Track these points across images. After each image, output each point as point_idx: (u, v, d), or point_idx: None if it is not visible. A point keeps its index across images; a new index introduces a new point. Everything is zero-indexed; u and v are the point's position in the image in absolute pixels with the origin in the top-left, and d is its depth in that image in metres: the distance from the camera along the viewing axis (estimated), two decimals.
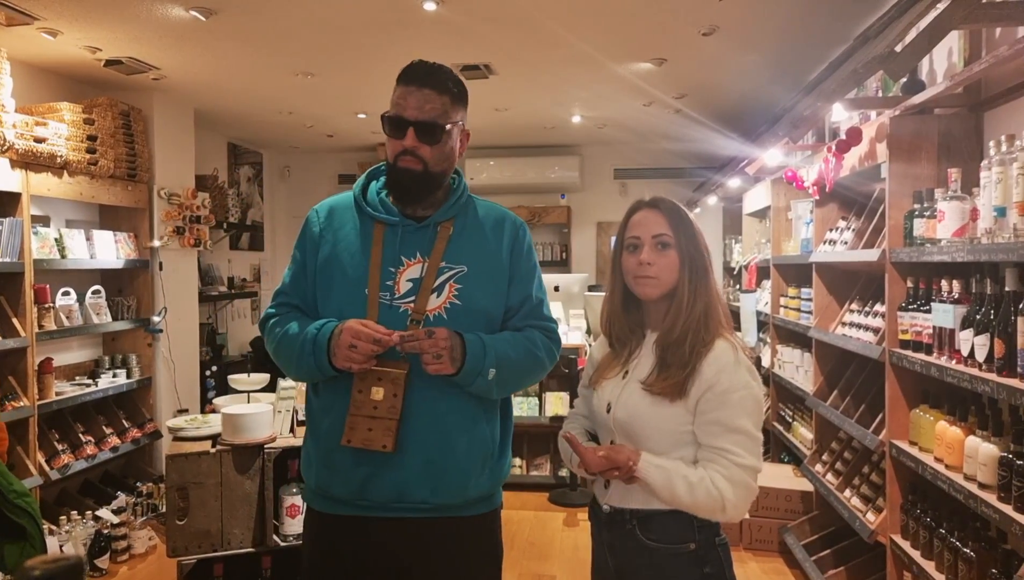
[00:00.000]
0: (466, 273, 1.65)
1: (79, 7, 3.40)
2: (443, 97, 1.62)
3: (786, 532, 3.75)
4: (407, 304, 1.61)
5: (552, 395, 5.12)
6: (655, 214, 1.61)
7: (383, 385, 1.57)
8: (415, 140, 1.60)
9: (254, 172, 7.47)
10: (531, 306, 1.74)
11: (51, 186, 3.96)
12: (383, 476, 1.60)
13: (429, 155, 1.61)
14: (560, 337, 1.82)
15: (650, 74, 4.60)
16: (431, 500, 1.61)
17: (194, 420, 2.66)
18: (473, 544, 1.69)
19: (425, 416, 1.60)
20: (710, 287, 1.58)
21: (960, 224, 2.25)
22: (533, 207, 7.51)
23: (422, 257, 1.64)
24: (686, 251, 1.58)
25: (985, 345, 2.06)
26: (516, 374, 1.67)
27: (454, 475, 1.62)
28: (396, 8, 3.44)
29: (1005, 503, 1.96)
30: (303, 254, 1.72)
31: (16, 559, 1.86)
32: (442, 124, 1.61)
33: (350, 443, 1.57)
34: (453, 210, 1.70)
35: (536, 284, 1.76)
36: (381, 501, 1.61)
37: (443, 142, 1.63)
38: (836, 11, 3.47)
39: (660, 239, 1.58)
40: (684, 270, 1.58)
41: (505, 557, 1.81)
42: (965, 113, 2.67)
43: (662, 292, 1.59)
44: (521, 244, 1.75)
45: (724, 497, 1.46)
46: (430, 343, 1.53)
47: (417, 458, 1.59)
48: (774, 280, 4.49)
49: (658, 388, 1.53)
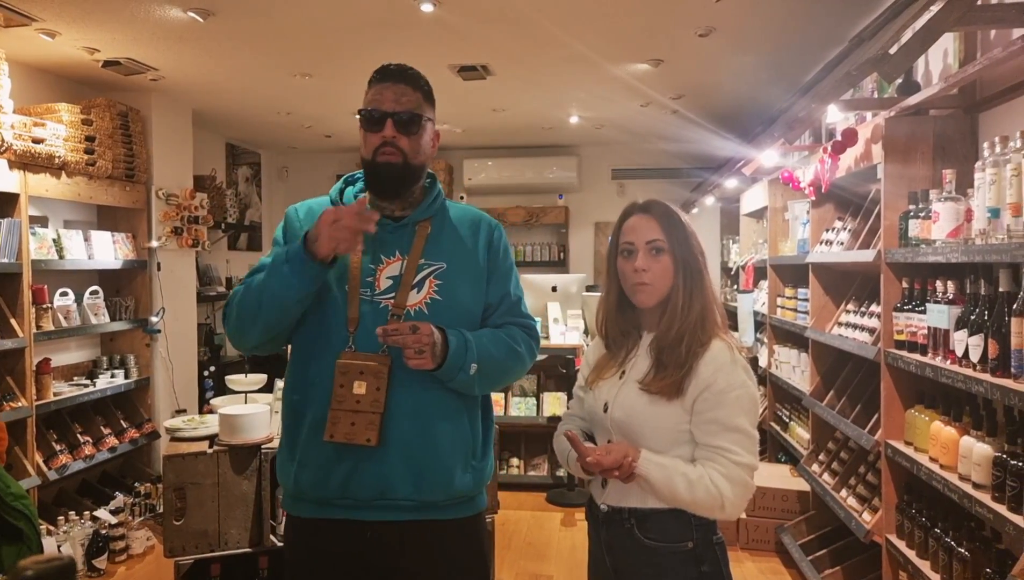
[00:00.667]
0: (445, 270, 1.67)
1: (78, 8, 3.41)
2: (417, 93, 1.66)
3: (783, 532, 3.77)
4: (387, 300, 1.62)
5: (550, 395, 5.13)
6: (648, 219, 1.62)
7: (365, 379, 1.57)
8: (394, 130, 1.62)
9: (252, 172, 7.48)
10: (510, 304, 1.76)
11: (49, 187, 3.96)
12: (366, 470, 1.59)
13: (408, 146, 1.63)
14: (539, 334, 1.84)
15: (647, 75, 4.61)
16: (414, 496, 1.60)
17: (191, 421, 2.66)
18: (458, 548, 1.68)
19: (408, 410, 1.60)
20: (705, 289, 1.60)
21: (955, 225, 2.26)
22: (531, 207, 7.52)
23: (401, 255, 1.66)
24: (680, 255, 1.59)
25: (979, 346, 2.07)
26: (497, 371, 1.68)
27: (437, 469, 1.62)
28: (394, 9, 3.45)
29: (999, 503, 1.97)
30: (283, 243, 1.71)
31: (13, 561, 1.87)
32: (420, 115, 1.65)
33: (333, 438, 1.56)
34: (431, 210, 1.71)
35: (514, 282, 1.79)
36: (364, 498, 1.60)
37: (420, 134, 1.65)
38: (831, 13, 3.48)
39: (654, 245, 1.59)
40: (678, 275, 1.59)
41: (502, 558, 1.81)
42: (960, 114, 2.68)
43: (658, 299, 1.60)
44: (497, 244, 1.77)
45: (723, 495, 1.47)
46: (414, 338, 1.53)
47: (400, 452, 1.59)
48: (771, 280, 4.50)
49: (655, 388, 1.54)
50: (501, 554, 3.72)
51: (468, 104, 5.49)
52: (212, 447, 2.46)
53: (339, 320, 1.62)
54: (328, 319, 1.63)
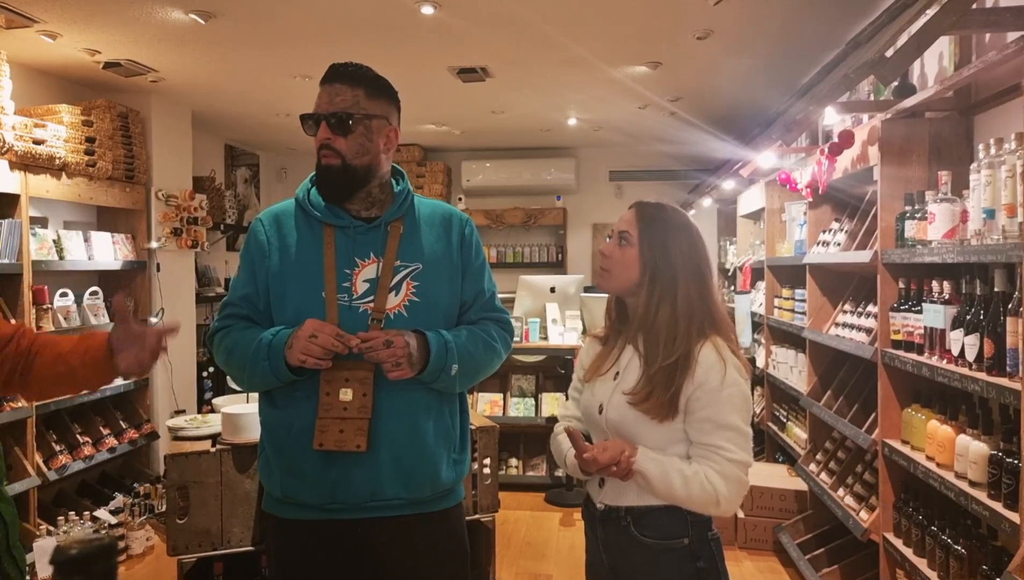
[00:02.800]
0: (421, 270, 1.68)
1: (79, 10, 3.42)
2: (355, 90, 1.63)
3: (780, 531, 3.79)
4: (366, 304, 1.63)
5: (548, 396, 5.14)
6: (631, 213, 1.65)
7: (351, 386, 1.58)
8: (327, 132, 1.62)
9: (251, 174, 7.49)
10: (484, 300, 1.78)
11: (50, 188, 3.97)
12: (356, 476, 1.60)
13: (344, 147, 1.62)
14: (513, 326, 1.87)
15: (645, 77, 4.64)
16: (403, 495, 1.63)
17: (194, 420, 2.67)
18: (442, 537, 1.72)
19: (394, 413, 1.62)
20: (677, 299, 1.56)
21: (950, 226, 2.29)
22: (529, 208, 7.54)
23: (376, 257, 1.66)
24: (648, 258, 1.58)
25: (975, 345, 2.10)
26: (476, 367, 1.72)
27: (424, 467, 1.65)
28: (394, 11, 3.47)
29: (995, 500, 2.00)
30: (252, 264, 1.71)
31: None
32: (352, 113, 1.61)
33: (323, 447, 1.57)
34: (402, 209, 1.72)
35: (487, 278, 1.81)
36: (353, 502, 1.62)
37: (356, 133, 1.62)
38: (828, 16, 3.51)
39: (623, 235, 1.62)
40: (644, 276, 1.59)
41: (501, 557, 1.84)
42: (955, 117, 2.71)
43: (615, 288, 1.64)
44: (470, 240, 1.78)
45: (718, 491, 1.50)
46: (388, 353, 1.54)
47: (389, 454, 1.61)
48: (768, 281, 4.52)
49: (643, 408, 1.55)
50: (500, 554, 3.73)
51: (467, 106, 5.51)
52: (215, 446, 2.47)
53: None
54: None
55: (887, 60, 2.08)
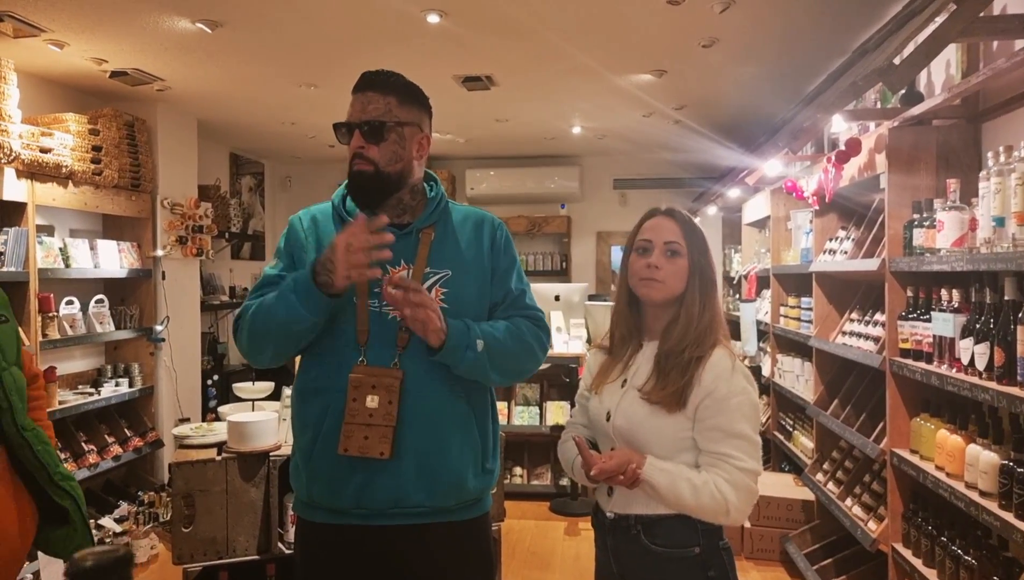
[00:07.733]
0: (451, 277, 1.68)
1: (86, 19, 3.44)
2: (387, 98, 1.64)
3: (787, 541, 3.76)
4: (395, 311, 1.62)
5: (553, 404, 5.13)
6: (670, 222, 1.64)
7: (377, 393, 1.58)
8: (361, 140, 1.62)
9: (256, 182, 7.51)
10: (512, 297, 1.75)
11: (56, 196, 3.98)
12: (379, 483, 1.60)
13: (377, 155, 1.62)
14: (548, 325, 1.83)
15: (650, 86, 4.64)
16: (427, 503, 1.62)
17: (199, 428, 2.67)
18: (467, 548, 1.71)
19: (420, 421, 1.61)
20: (716, 299, 1.62)
21: (959, 234, 2.28)
22: (533, 217, 7.54)
23: (406, 264, 1.66)
24: (697, 263, 1.62)
25: (985, 354, 2.09)
26: (507, 354, 1.67)
27: (449, 477, 1.63)
28: (399, 20, 3.48)
29: (1006, 511, 1.98)
30: (291, 254, 1.72)
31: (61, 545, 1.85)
32: (384, 121, 1.62)
33: (347, 452, 1.57)
34: (434, 216, 1.72)
35: (516, 276, 1.78)
36: (378, 508, 1.61)
37: (389, 141, 1.63)
38: (835, 24, 3.51)
39: (671, 246, 1.62)
40: (694, 281, 1.61)
41: (506, 567, 1.83)
42: (963, 124, 2.70)
43: (665, 297, 1.62)
44: (500, 242, 1.77)
45: (727, 500, 1.48)
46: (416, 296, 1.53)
47: (413, 462, 1.61)
48: (774, 289, 4.51)
49: (656, 398, 1.55)
50: (505, 563, 3.71)
51: (471, 114, 5.52)
52: (221, 454, 2.47)
53: (349, 333, 1.63)
54: (338, 332, 1.64)
55: (895, 68, 2.08)
